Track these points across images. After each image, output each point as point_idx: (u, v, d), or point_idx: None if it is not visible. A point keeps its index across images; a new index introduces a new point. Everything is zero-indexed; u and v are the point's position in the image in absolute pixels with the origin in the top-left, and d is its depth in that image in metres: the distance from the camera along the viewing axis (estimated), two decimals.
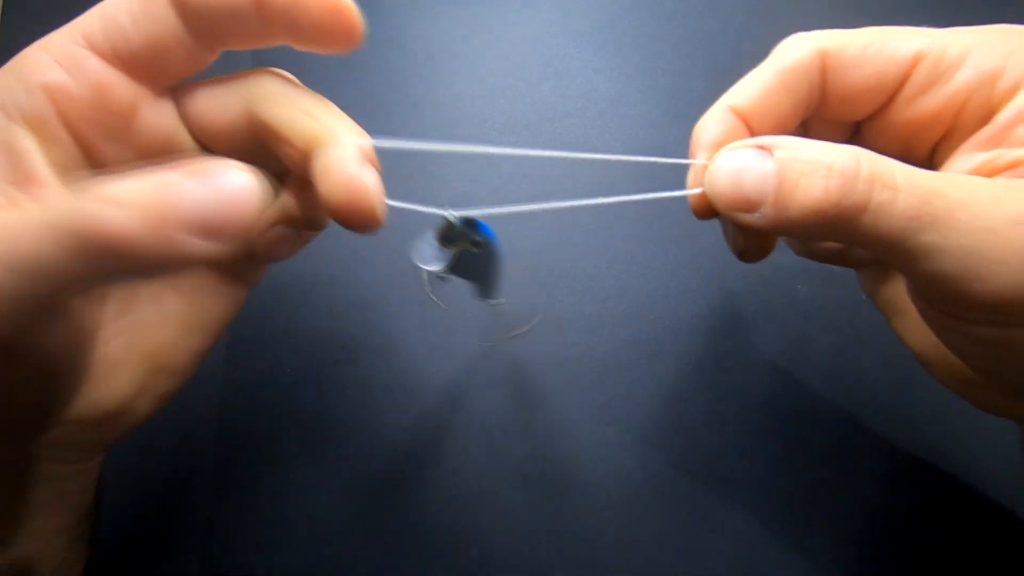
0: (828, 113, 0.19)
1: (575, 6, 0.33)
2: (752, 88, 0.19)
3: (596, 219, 0.30)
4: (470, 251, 0.20)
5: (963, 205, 0.14)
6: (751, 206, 0.16)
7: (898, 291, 0.21)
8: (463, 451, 0.27)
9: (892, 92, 0.18)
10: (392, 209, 0.17)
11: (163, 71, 0.16)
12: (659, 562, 0.25)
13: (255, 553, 0.26)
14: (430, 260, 0.20)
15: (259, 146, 0.17)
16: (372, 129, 0.18)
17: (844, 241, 0.17)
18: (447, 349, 0.28)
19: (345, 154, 0.16)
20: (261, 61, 0.19)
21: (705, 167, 0.18)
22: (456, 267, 0.20)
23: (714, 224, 0.31)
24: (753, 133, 0.19)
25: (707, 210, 0.18)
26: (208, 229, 0.13)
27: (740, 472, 0.26)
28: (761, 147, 0.16)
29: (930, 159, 0.19)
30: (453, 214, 0.19)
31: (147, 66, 0.16)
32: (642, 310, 0.28)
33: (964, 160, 0.17)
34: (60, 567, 0.21)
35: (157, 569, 0.26)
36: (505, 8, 0.33)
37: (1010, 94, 0.17)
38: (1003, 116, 0.17)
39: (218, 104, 0.17)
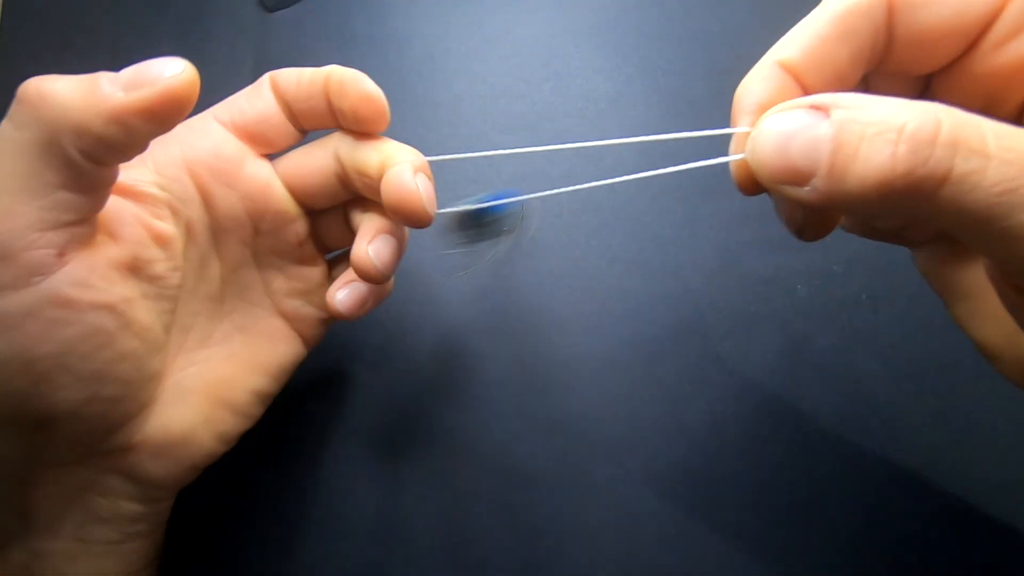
0: (894, 64, 0.16)
1: (575, 6, 0.33)
2: (805, 38, 0.16)
3: (596, 219, 0.30)
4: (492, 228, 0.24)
5: None
6: (801, 177, 0.14)
7: (966, 274, 0.18)
8: (463, 451, 0.27)
9: (975, 36, 0.15)
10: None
11: (265, 139, 0.22)
12: (659, 562, 0.25)
13: (255, 553, 0.26)
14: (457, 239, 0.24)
15: (343, 187, 0.22)
16: None
17: (916, 219, 0.15)
18: (447, 349, 0.28)
19: (401, 168, 0.20)
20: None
21: (747, 134, 0.15)
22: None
23: (714, 224, 0.31)
24: (807, 91, 0.16)
25: (751, 184, 0.16)
26: (130, 84, 0.16)
27: (740, 472, 0.26)
28: (815, 107, 0.14)
29: (1017, 119, 0.16)
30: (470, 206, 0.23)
31: (253, 133, 0.22)
32: (642, 310, 0.28)
33: None
34: None
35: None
36: (505, 8, 0.33)
37: None
38: None
39: (311, 159, 0.22)
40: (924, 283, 0.21)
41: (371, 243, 0.21)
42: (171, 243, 0.20)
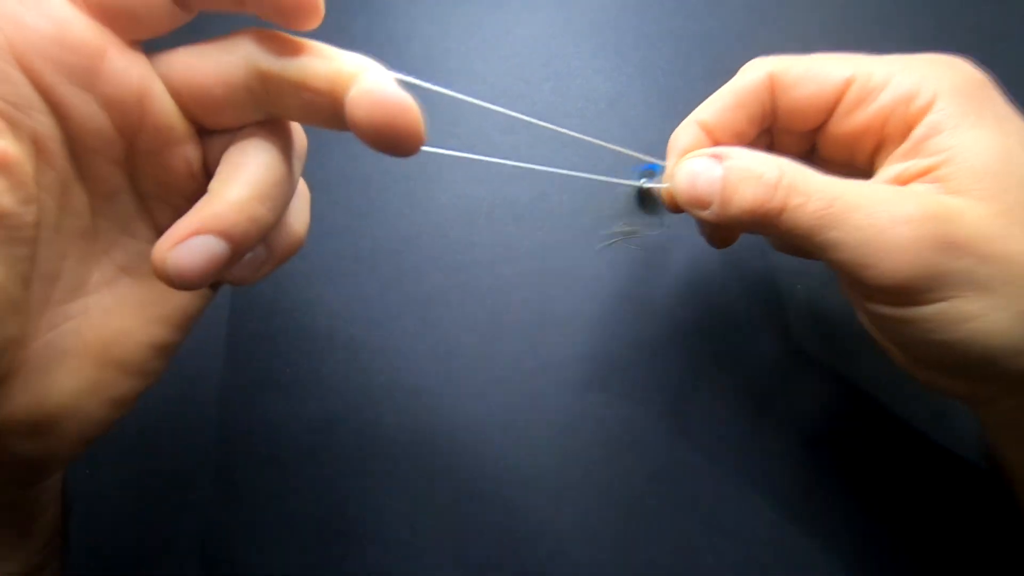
0: (782, 124, 0.23)
1: (575, 6, 0.33)
2: (714, 106, 0.23)
3: (596, 219, 0.30)
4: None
5: (859, 207, 0.18)
6: (703, 204, 0.21)
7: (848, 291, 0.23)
8: (463, 451, 0.27)
9: (830, 108, 0.22)
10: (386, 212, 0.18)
11: (133, 20, 0.15)
12: (659, 562, 0.25)
13: (255, 553, 0.26)
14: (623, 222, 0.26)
15: (256, 104, 0.17)
16: None
17: (773, 235, 0.21)
18: (447, 349, 0.28)
19: (380, 76, 0.16)
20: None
21: (671, 172, 0.22)
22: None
23: None
24: (715, 142, 0.23)
25: (674, 204, 0.22)
26: None
27: (740, 472, 0.26)
28: (715, 155, 0.21)
29: (870, 165, 0.22)
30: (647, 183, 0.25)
31: (116, 10, 0.15)
32: (642, 310, 0.28)
33: (890, 169, 0.21)
34: None
35: (157, 569, 0.26)
36: (505, 8, 0.33)
37: (923, 111, 0.20)
38: (917, 132, 0.20)
39: (212, 64, 0.16)
40: None
41: (176, 248, 0.15)
42: (14, 167, 0.15)
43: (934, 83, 0.20)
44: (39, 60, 0.15)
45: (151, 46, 0.16)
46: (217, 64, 0.16)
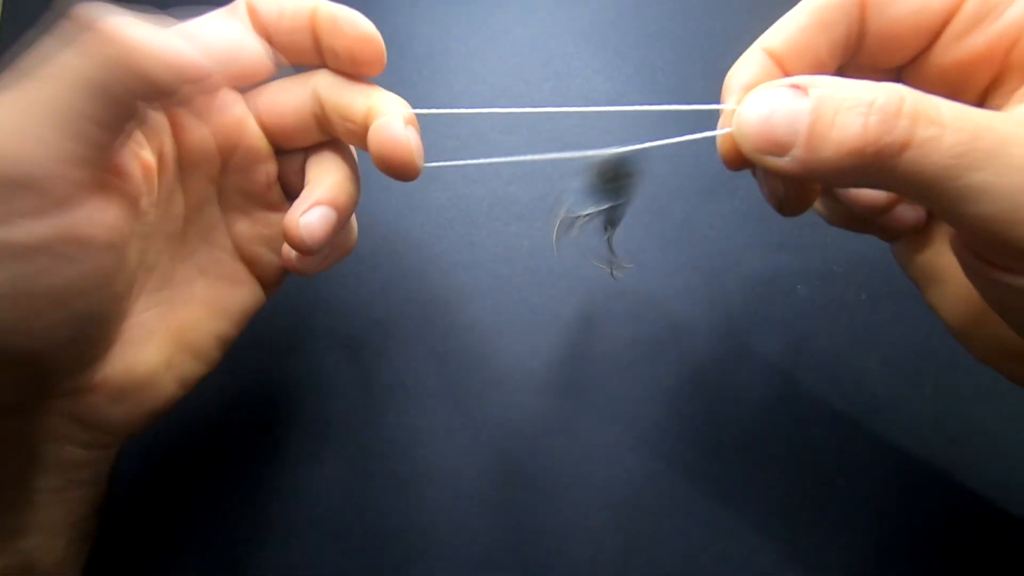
0: (868, 57, 0.18)
1: (575, 6, 0.33)
2: (787, 28, 0.18)
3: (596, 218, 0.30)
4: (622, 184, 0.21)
5: (1018, 140, 0.14)
6: (781, 148, 0.15)
7: (936, 258, 0.20)
8: (463, 451, 0.27)
9: (937, 29, 0.17)
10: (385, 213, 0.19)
11: (244, 76, 0.20)
12: (659, 562, 0.25)
13: (255, 553, 0.26)
14: (582, 206, 0.22)
15: (318, 128, 0.21)
16: None
17: (883, 186, 0.16)
18: (447, 349, 0.28)
19: (391, 118, 0.19)
20: None
21: (734, 112, 0.17)
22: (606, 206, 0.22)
23: (713, 225, 0.31)
24: (788, 76, 0.18)
25: (736, 157, 0.17)
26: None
27: (740, 472, 0.26)
28: (795, 86, 0.15)
29: (981, 106, 0.17)
30: (616, 151, 0.20)
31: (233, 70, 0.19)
32: (642, 310, 0.28)
33: (1021, 108, 0.16)
34: (60, 563, 0.20)
35: (157, 569, 0.26)
36: (505, 8, 0.33)
37: None
38: None
39: (288, 95, 0.21)
40: None
41: (305, 214, 0.20)
42: (151, 175, 0.19)
43: None
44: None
45: None
46: (293, 97, 0.21)
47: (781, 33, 0.18)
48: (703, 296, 0.29)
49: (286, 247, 0.21)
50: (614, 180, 0.21)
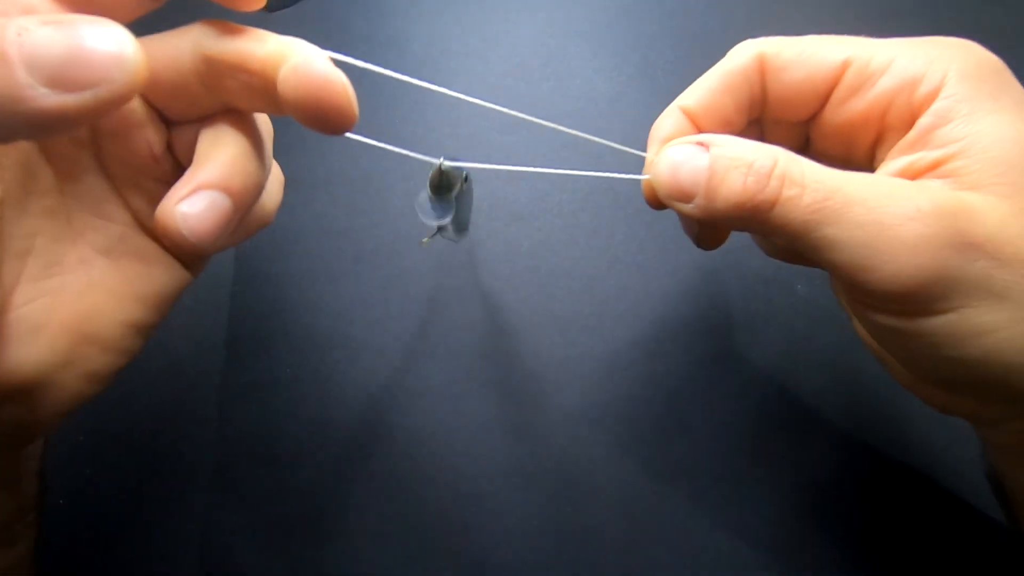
0: (773, 113, 0.21)
1: (575, 6, 0.33)
2: (700, 90, 0.21)
3: (596, 219, 0.30)
4: (460, 189, 0.22)
5: (861, 201, 0.16)
6: (686, 196, 0.18)
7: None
8: (463, 451, 0.27)
9: (824, 95, 0.20)
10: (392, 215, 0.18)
11: (100, 8, 0.15)
12: (659, 562, 0.25)
13: (255, 553, 0.26)
14: (435, 215, 0.23)
15: (205, 91, 0.17)
16: (372, 130, 0.19)
17: (763, 233, 0.18)
18: (447, 349, 0.28)
19: (311, 55, 0.16)
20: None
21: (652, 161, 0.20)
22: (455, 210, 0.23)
23: None
24: (700, 131, 0.21)
25: (655, 199, 0.20)
26: (63, 81, 0.12)
27: (740, 472, 0.26)
28: (700, 143, 0.18)
29: (870, 160, 0.20)
30: (445, 162, 0.22)
31: (82, 1, 0.16)
32: (642, 310, 0.28)
33: (893, 163, 0.18)
34: None
35: (157, 569, 0.26)
36: (505, 8, 0.33)
37: (930, 99, 0.18)
38: (923, 121, 0.18)
39: (163, 50, 0.17)
40: None
41: (184, 202, 0.17)
42: None
43: (942, 66, 0.18)
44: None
45: None
46: (167, 51, 0.17)
47: (695, 94, 0.21)
48: (703, 296, 0.29)
49: (167, 207, 0.17)
50: (445, 189, 0.22)
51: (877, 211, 0.16)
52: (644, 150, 0.21)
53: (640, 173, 0.21)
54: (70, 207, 0.18)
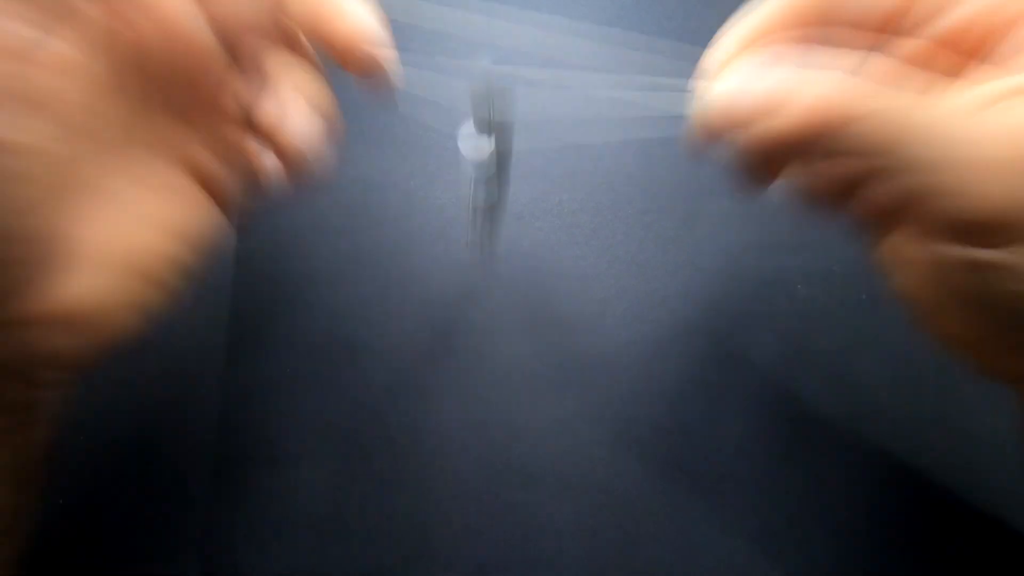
0: (846, 35, 0.19)
1: (575, 6, 0.33)
2: (760, 21, 0.19)
3: (596, 219, 0.30)
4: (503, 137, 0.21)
5: (951, 118, 0.15)
6: (748, 118, 0.17)
7: (899, 241, 0.20)
8: (463, 451, 0.27)
9: (907, 7, 0.18)
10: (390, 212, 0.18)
11: None
12: (659, 562, 0.25)
13: (255, 553, 0.26)
14: (478, 152, 0.21)
15: (272, 22, 0.19)
16: (373, 130, 0.19)
17: (835, 154, 0.17)
18: (447, 349, 0.28)
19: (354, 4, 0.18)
20: None
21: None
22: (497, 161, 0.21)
23: (714, 224, 0.31)
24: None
25: (709, 131, 0.18)
26: None
27: (740, 472, 0.26)
28: (764, 62, 0.17)
29: (954, 74, 0.18)
30: (487, 68, 0.20)
31: None
32: (642, 310, 0.28)
33: (980, 83, 0.17)
34: (5, 511, 0.19)
35: (157, 569, 0.26)
36: (505, 8, 0.33)
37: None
38: (1020, 34, 0.16)
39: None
40: None
41: (293, 119, 0.19)
42: (73, 69, 0.16)
43: None
44: None
45: None
46: None
47: (753, 24, 0.19)
48: (703, 296, 0.29)
49: (286, 123, 0.19)
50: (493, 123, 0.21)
51: (970, 130, 0.15)
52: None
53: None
54: (132, 142, 0.19)
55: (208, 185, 0.20)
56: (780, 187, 0.20)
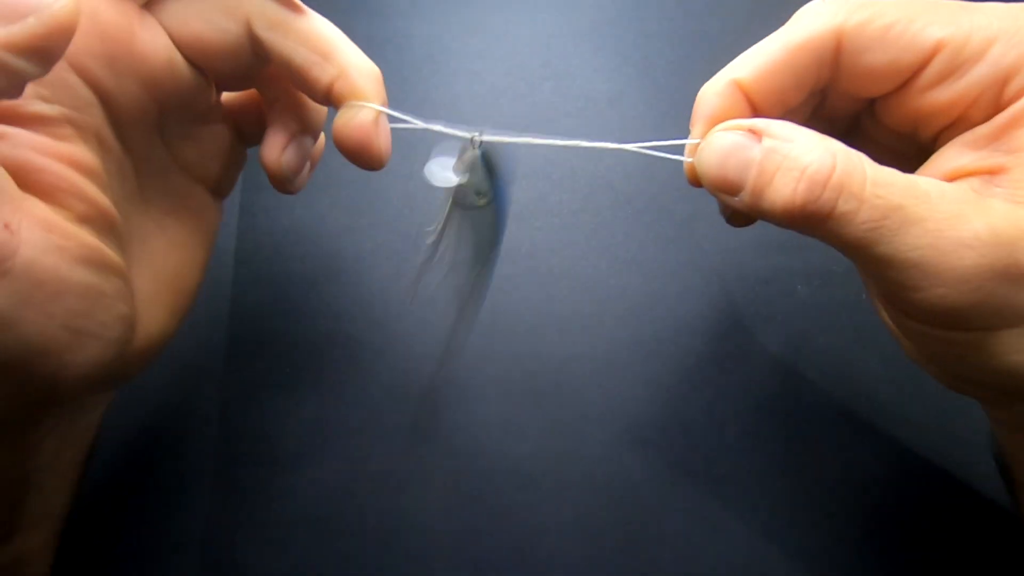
0: (838, 89, 0.19)
1: (575, 6, 0.33)
2: (758, 61, 0.18)
3: (596, 219, 0.30)
4: (475, 204, 0.21)
5: (920, 222, 0.15)
6: (733, 189, 0.17)
7: (885, 304, 0.21)
8: (463, 451, 0.27)
9: (907, 79, 0.18)
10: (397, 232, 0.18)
11: None
12: (659, 562, 0.25)
13: (255, 553, 0.26)
14: (446, 178, 0.21)
15: (256, 59, 0.19)
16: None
17: (818, 238, 0.18)
18: (447, 349, 0.28)
19: (364, 113, 0.19)
20: None
21: (697, 145, 0.18)
22: (458, 219, 0.21)
23: (714, 224, 0.31)
24: (754, 107, 0.19)
25: (698, 181, 0.19)
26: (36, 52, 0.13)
27: (740, 472, 0.26)
28: (752, 131, 0.17)
29: (933, 142, 0.19)
30: (479, 138, 0.20)
31: None
32: (642, 310, 0.28)
33: (954, 154, 0.18)
34: (52, 517, 0.21)
35: (157, 569, 0.26)
36: (505, 8, 0.33)
37: (1018, 95, 0.16)
38: (1000, 117, 0.17)
39: (209, 21, 0.18)
40: None
41: (286, 150, 0.21)
42: (92, 169, 0.16)
43: None
44: (87, 58, 0.16)
45: None
46: (214, 23, 0.18)
47: (751, 66, 0.18)
48: (703, 296, 0.29)
49: (273, 153, 0.21)
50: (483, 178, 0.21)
51: (934, 234, 0.15)
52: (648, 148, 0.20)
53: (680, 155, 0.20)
54: (143, 184, 0.20)
55: (207, 182, 0.22)
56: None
